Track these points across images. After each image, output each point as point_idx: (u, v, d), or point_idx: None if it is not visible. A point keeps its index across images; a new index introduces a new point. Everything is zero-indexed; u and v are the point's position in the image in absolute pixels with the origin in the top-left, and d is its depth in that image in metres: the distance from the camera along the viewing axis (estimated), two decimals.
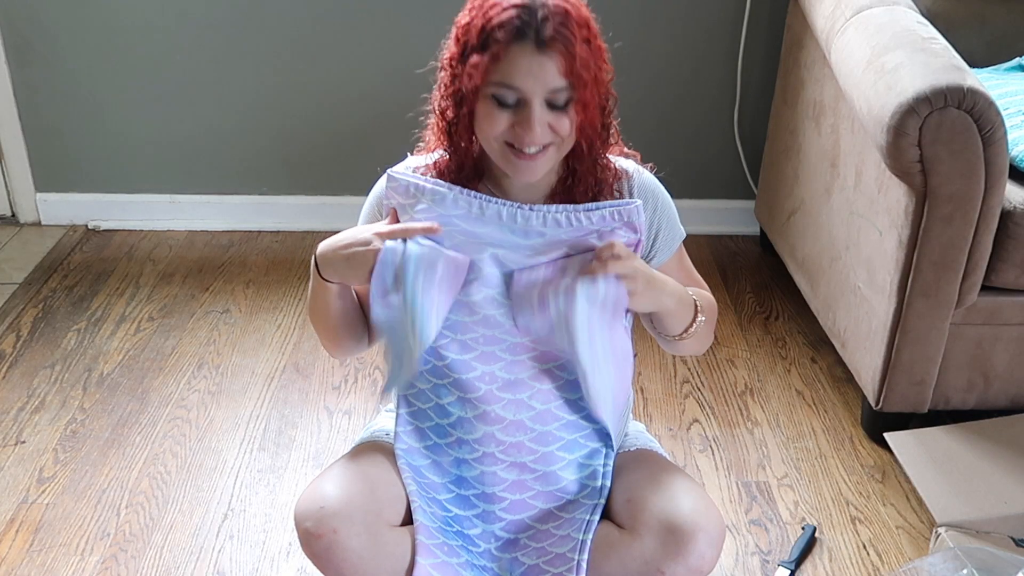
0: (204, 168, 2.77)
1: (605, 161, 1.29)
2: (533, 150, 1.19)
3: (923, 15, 1.98)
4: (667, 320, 1.31)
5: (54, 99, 2.67)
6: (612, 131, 1.28)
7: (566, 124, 1.18)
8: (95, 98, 2.67)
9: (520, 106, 1.17)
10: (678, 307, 1.30)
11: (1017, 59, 2.16)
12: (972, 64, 1.86)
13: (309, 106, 2.67)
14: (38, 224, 2.82)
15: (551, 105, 1.17)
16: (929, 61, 1.72)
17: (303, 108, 2.68)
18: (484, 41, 1.15)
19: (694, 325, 1.33)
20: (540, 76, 1.14)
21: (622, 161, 1.33)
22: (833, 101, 2.08)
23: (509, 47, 1.14)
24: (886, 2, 1.98)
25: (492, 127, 1.18)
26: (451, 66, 1.20)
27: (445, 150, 1.28)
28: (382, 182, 1.33)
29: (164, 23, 2.58)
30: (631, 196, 1.32)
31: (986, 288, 1.80)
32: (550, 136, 1.19)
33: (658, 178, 1.36)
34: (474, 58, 1.15)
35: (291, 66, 2.63)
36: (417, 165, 1.32)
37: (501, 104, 1.17)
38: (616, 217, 1.25)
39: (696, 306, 1.33)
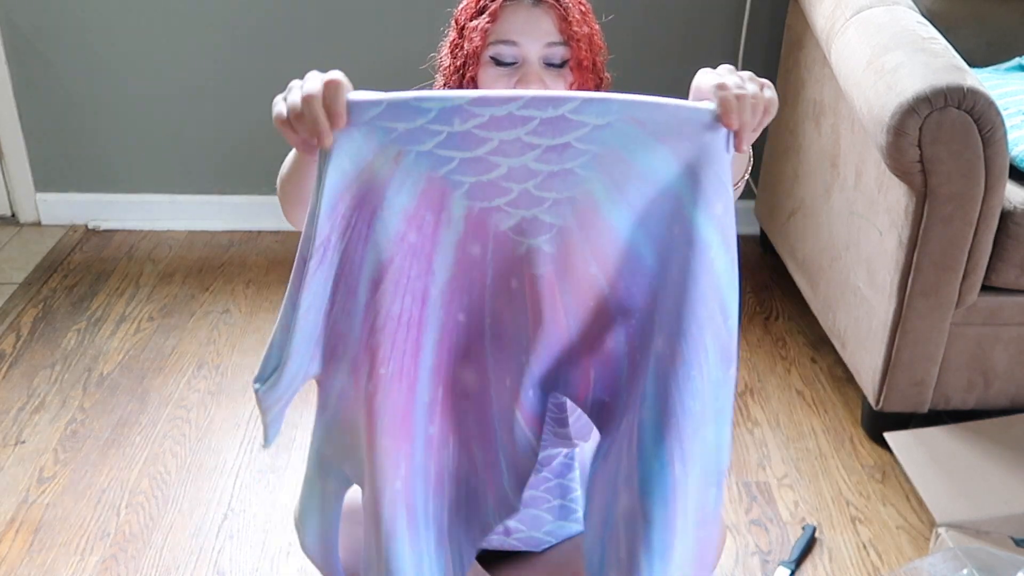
0: (204, 168, 2.77)
1: None
2: None
3: (923, 15, 1.99)
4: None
5: (54, 99, 2.67)
6: None
7: (562, 87, 1.20)
8: (95, 98, 2.67)
9: (519, 67, 1.19)
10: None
11: (1017, 59, 2.16)
12: (972, 64, 1.86)
13: None
14: (38, 224, 2.82)
15: (548, 65, 1.19)
16: (929, 61, 1.72)
17: None
18: (481, 8, 1.19)
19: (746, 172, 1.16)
20: (536, 30, 1.17)
21: None
22: (833, 101, 2.08)
23: (505, 6, 1.18)
24: (886, 2, 1.98)
25: None
26: (451, 48, 1.24)
27: None
28: None
29: (164, 23, 2.58)
30: None
31: (986, 288, 1.80)
32: None
33: None
34: (472, 24, 1.19)
35: (291, 66, 2.63)
36: None
37: (500, 64, 1.19)
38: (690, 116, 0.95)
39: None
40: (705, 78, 0.98)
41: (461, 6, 1.24)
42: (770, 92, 0.97)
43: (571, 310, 1.00)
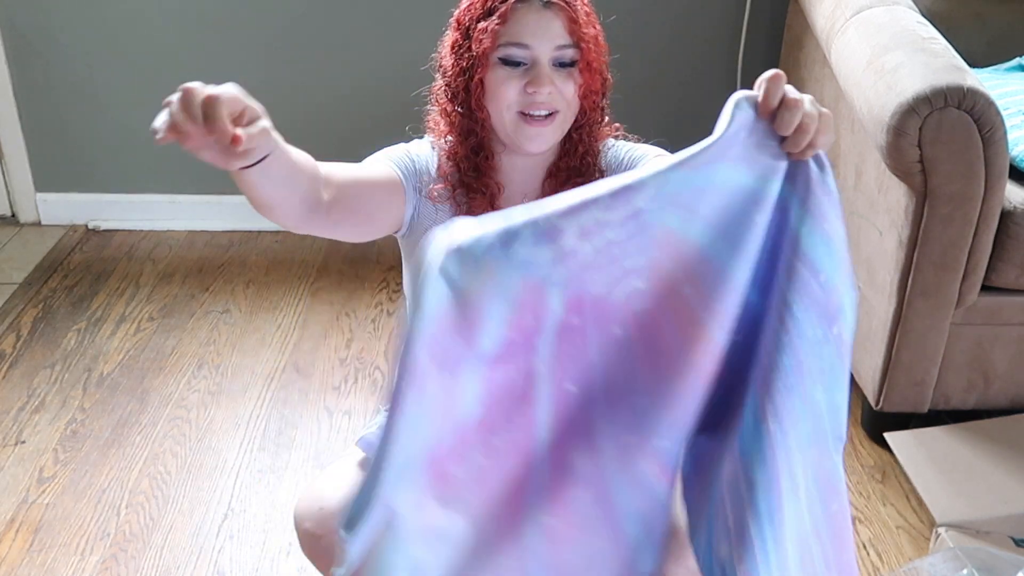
0: (204, 168, 2.74)
1: (597, 145, 1.29)
2: (543, 112, 1.20)
3: (923, 15, 1.99)
4: None
5: (54, 99, 2.67)
6: (606, 115, 1.29)
7: (571, 87, 1.20)
8: (95, 98, 2.67)
9: (529, 68, 1.19)
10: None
11: (1017, 59, 2.16)
12: (972, 64, 1.86)
13: (308, 106, 2.67)
14: (38, 224, 2.82)
15: (557, 65, 1.19)
16: (929, 61, 1.72)
17: (302, 108, 2.68)
18: (489, 9, 1.19)
19: None
20: (547, 32, 1.18)
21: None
22: (833, 101, 2.08)
23: (516, 8, 1.18)
24: (886, 2, 1.98)
25: (505, 93, 1.20)
26: (454, 48, 1.23)
27: (453, 136, 1.27)
28: (415, 145, 1.30)
29: (164, 23, 2.58)
30: (608, 166, 1.30)
31: (986, 288, 1.80)
32: (558, 101, 1.20)
33: None
34: (481, 25, 1.19)
35: (289, 66, 2.63)
36: (426, 154, 1.31)
37: (510, 64, 1.19)
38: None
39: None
40: None
41: (463, 6, 1.23)
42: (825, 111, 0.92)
43: (675, 337, 0.96)
